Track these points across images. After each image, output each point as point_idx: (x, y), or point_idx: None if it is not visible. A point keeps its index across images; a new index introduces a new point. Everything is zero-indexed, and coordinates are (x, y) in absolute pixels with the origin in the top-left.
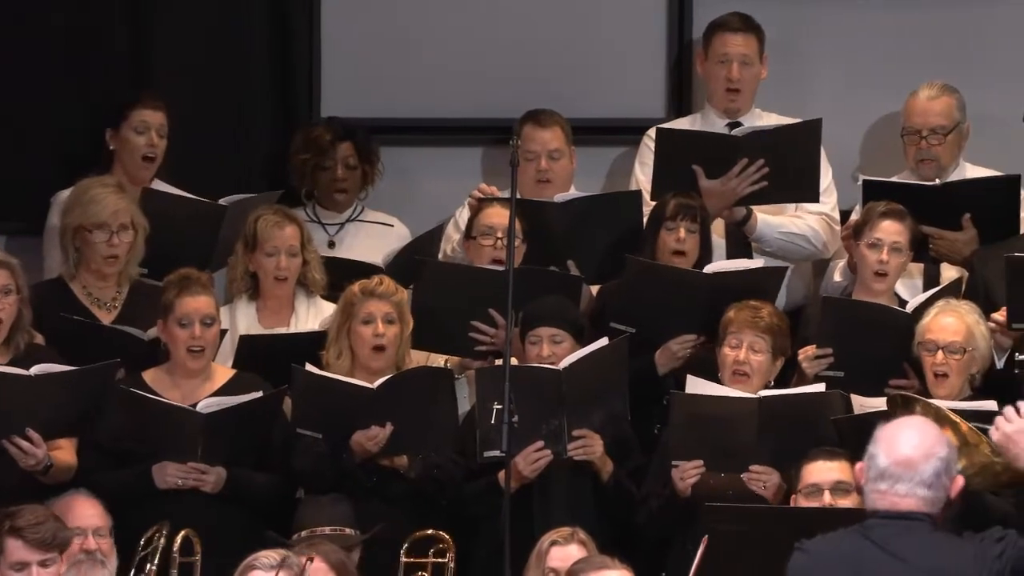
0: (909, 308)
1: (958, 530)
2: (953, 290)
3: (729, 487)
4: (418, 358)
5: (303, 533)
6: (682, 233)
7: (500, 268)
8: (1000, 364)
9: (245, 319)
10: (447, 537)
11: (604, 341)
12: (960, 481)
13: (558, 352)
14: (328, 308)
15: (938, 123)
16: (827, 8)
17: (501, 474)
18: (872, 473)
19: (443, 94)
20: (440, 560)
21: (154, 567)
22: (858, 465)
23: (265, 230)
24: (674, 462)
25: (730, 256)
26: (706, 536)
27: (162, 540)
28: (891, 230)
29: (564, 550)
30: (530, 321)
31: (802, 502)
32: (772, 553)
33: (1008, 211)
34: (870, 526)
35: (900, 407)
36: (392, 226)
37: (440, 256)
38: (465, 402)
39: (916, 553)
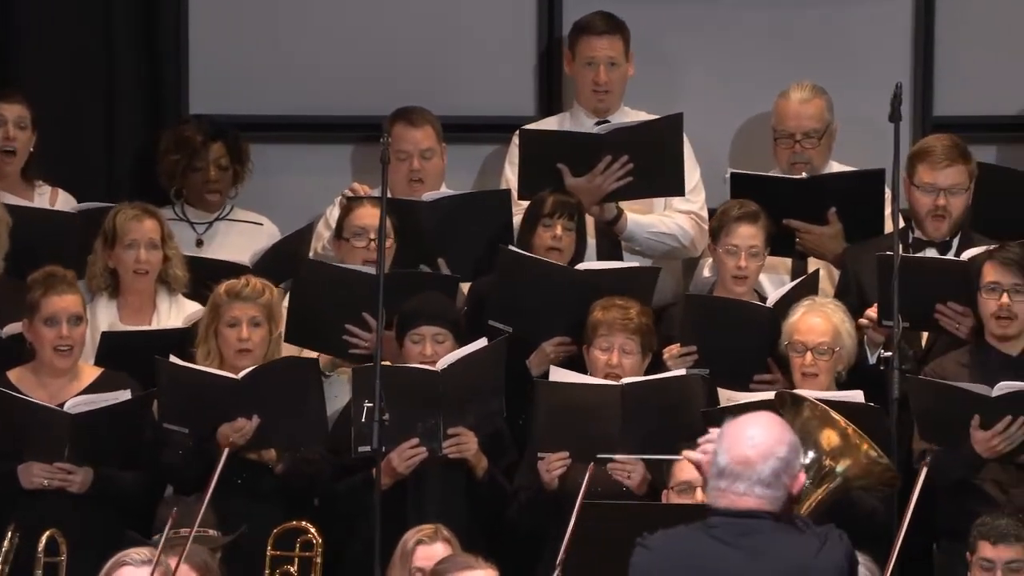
0: (770, 302)
1: (801, 525)
2: (809, 284)
3: (597, 482)
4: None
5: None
6: (559, 230)
7: (372, 271)
8: (872, 360)
9: (106, 317)
10: (314, 530)
11: (483, 342)
12: (801, 479)
13: (440, 351)
14: (191, 307)
15: (811, 127)
16: (695, 6)
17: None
18: (713, 471)
19: (312, 91)
20: (307, 554)
21: (6, 569)
22: (705, 458)
23: (124, 223)
24: (540, 455)
25: (600, 255)
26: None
27: (6, 542)
28: (746, 235)
29: (429, 548)
30: (411, 320)
31: (674, 499)
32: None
33: (872, 205)
34: (713, 523)
35: (788, 405)
36: (262, 225)
37: (311, 254)
38: (336, 401)
39: (758, 549)
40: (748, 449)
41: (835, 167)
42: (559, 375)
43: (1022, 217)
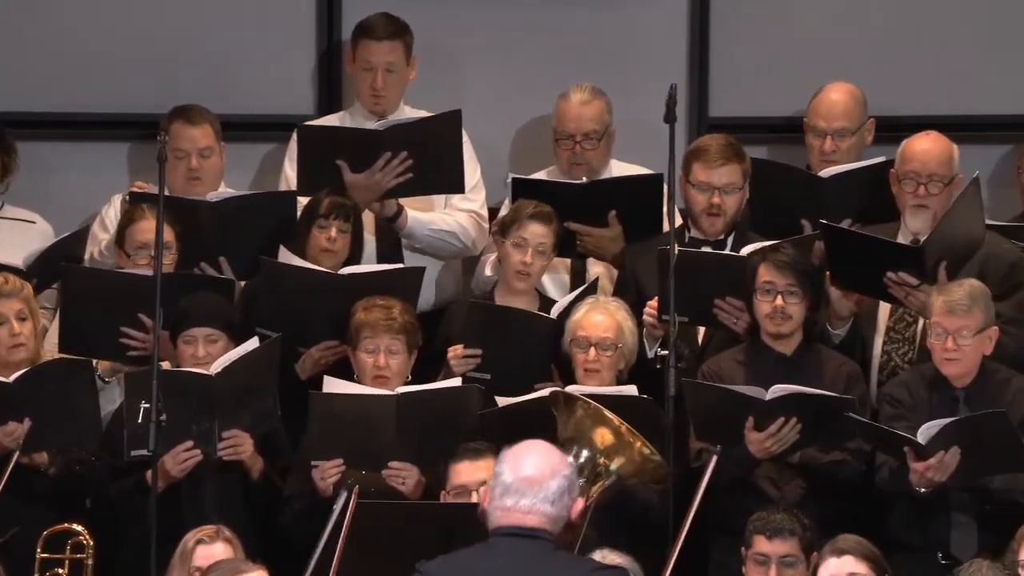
0: (554, 312)
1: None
2: (591, 290)
3: (371, 484)
4: None
5: None
6: (333, 232)
7: (149, 272)
8: (651, 354)
9: None
10: (85, 532)
11: (255, 342)
12: (580, 504)
13: (213, 352)
14: None
15: (591, 128)
16: (477, 8)
17: (149, 473)
18: (498, 490)
19: (88, 88)
20: (78, 556)
21: None
22: (482, 489)
23: None
24: (314, 462)
25: (380, 255)
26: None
27: None
28: (537, 232)
29: (209, 548)
30: (183, 321)
31: (451, 501)
32: (421, 548)
33: (651, 208)
34: (493, 543)
35: (562, 404)
36: (34, 223)
37: (87, 257)
38: (115, 405)
39: (535, 570)
40: (534, 467)
41: (615, 167)
42: (333, 386)
43: (795, 216)
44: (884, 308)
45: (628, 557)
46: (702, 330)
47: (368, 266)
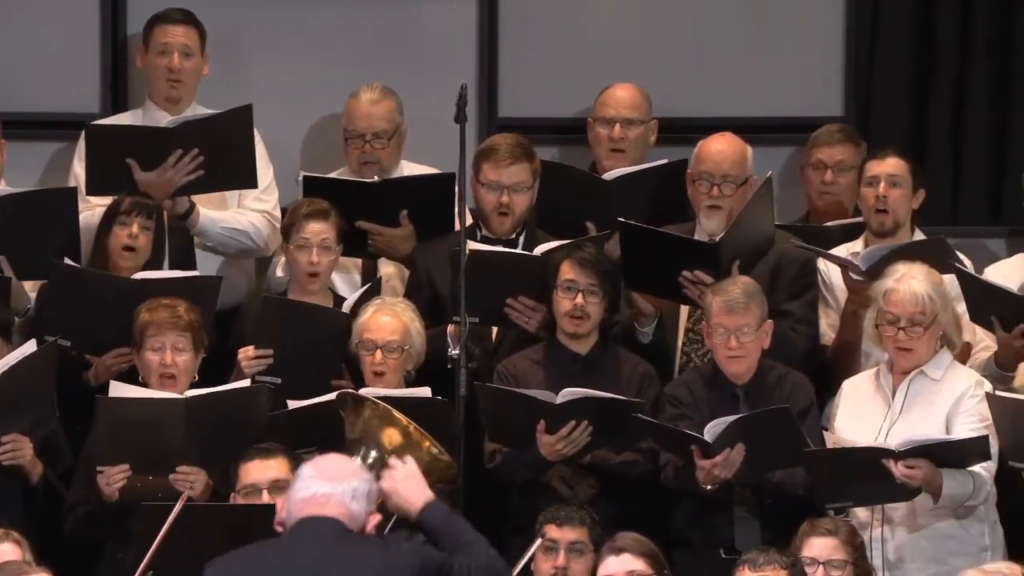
0: (346, 307)
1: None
2: (375, 289)
3: (159, 489)
4: None
5: None
6: (135, 229)
7: None
8: (451, 353)
9: None
10: None
11: (32, 346)
12: (376, 519)
13: None
14: None
15: (381, 127)
16: (268, 6)
17: None
18: (298, 486)
19: None
20: None
21: None
22: (279, 501)
23: None
24: (99, 467)
25: (172, 253)
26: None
27: None
28: (317, 229)
29: None
30: None
31: (241, 502)
32: (211, 550)
33: (443, 207)
34: (288, 531)
35: (350, 406)
36: None
37: None
38: None
39: (329, 550)
40: (337, 467)
41: (405, 167)
42: (120, 390)
43: (582, 218)
44: (684, 309)
45: None
46: (495, 329)
47: (163, 272)
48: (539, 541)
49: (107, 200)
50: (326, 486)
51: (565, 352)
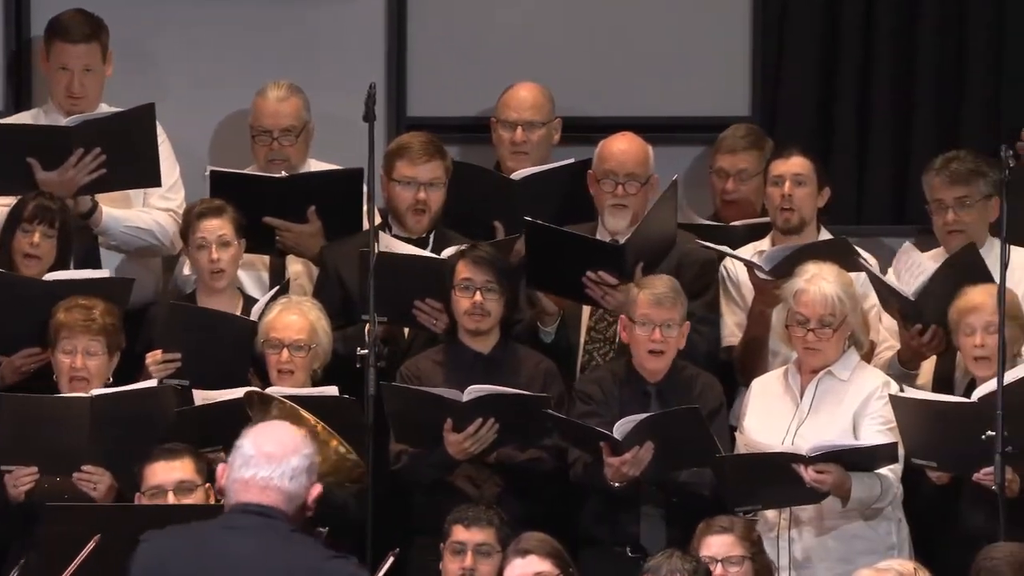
0: (254, 314)
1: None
2: (284, 291)
3: (65, 490)
4: None
5: None
6: (36, 237)
7: None
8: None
9: None
10: None
11: None
12: (317, 490)
13: None
14: None
15: (288, 124)
16: (173, 4)
17: None
18: (238, 462)
19: None
20: None
21: None
22: (220, 466)
23: None
24: (4, 468)
25: (76, 253)
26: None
27: None
28: (213, 226)
29: None
30: None
31: (146, 503)
32: (116, 552)
33: (351, 203)
34: (228, 519)
35: (257, 405)
36: None
37: None
38: None
39: (270, 552)
40: (276, 443)
41: (313, 165)
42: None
43: (489, 217)
44: (587, 308)
45: None
46: (407, 330)
47: (74, 272)
48: (391, 559)
49: (11, 200)
50: (264, 469)
51: (466, 352)
